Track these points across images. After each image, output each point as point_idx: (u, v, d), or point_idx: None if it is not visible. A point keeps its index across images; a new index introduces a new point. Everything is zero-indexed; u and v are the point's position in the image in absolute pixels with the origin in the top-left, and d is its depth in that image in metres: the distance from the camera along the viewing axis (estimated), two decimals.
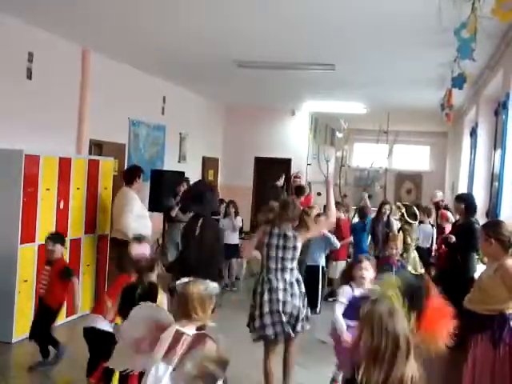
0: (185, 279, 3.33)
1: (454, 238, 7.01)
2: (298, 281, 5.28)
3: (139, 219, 7.62)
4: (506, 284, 4.27)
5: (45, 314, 5.91)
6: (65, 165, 7.31)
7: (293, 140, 15.01)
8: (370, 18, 6.28)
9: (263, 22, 6.75)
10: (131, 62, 9.54)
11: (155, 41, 7.99)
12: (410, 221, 8.71)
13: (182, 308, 3.22)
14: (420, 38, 6.82)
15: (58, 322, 7.28)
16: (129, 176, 7.94)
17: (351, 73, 9.56)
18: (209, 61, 9.13)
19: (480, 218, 8.27)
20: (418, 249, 9.49)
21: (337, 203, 11.18)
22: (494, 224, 4.73)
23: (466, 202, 7.12)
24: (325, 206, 6.47)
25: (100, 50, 8.65)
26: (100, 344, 4.76)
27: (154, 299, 4.11)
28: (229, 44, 7.96)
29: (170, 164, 11.60)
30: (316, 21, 6.49)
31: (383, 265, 6.65)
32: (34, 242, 6.80)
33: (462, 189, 12.36)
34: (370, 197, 13.43)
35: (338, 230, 9.26)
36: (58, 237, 6.05)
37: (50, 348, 5.96)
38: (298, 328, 5.17)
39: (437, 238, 9.02)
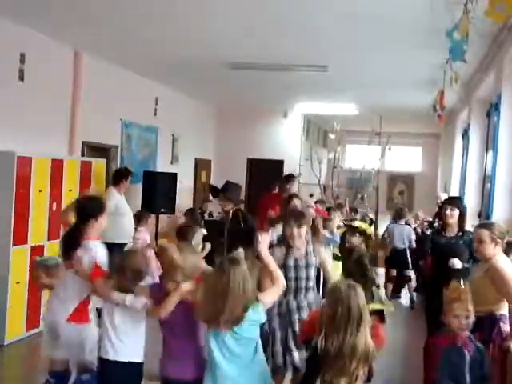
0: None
1: (457, 265, 5.39)
2: None
3: (116, 217, 7.62)
4: (496, 285, 4.28)
5: None
6: (57, 166, 7.28)
7: (285, 141, 15.00)
8: (362, 20, 6.29)
9: (255, 23, 6.75)
10: (123, 63, 9.51)
11: (148, 42, 7.97)
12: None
13: None
14: (412, 39, 6.84)
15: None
16: (116, 177, 8.07)
17: (343, 74, 9.58)
18: (201, 62, 9.12)
19: (472, 220, 8.30)
20: (394, 250, 9.56)
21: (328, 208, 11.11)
22: (489, 225, 4.71)
23: (460, 207, 5.84)
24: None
25: (92, 51, 8.62)
26: None
27: None
28: (221, 46, 7.95)
29: (162, 165, 11.58)
30: (308, 22, 6.49)
31: None
32: (26, 243, 6.77)
33: (454, 190, 12.40)
34: (362, 198, 13.45)
35: None
36: None
37: None
38: None
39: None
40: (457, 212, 5.67)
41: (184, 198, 12.20)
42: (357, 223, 7.63)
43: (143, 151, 11.01)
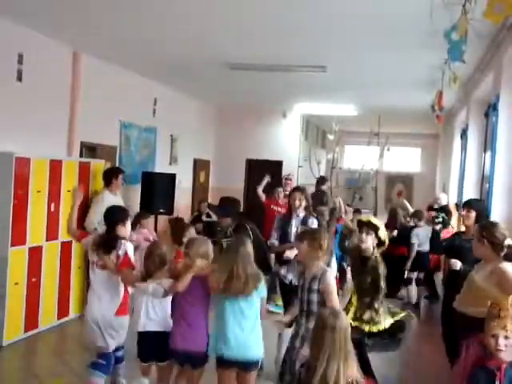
0: None
1: (459, 265, 5.32)
2: None
3: None
4: (503, 287, 4.25)
5: None
6: (55, 167, 7.28)
7: (284, 142, 15.01)
8: (361, 21, 6.29)
9: (255, 23, 6.76)
10: (122, 63, 9.51)
11: (147, 42, 7.97)
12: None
13: None
14: (411, 39, 6.84)
15: (50, 324, 7.28)
16: (106, 177, 7.98)
17: (342, 75, 9.58)
18: (200, 62, 9.13)
19: None
20: (418, 253, 9.40)
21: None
22: (489, 225, 4.70)
23: (478, 211, 5.70)
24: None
25: (91, 51, 8.61)
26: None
27: None
28: (221, 46, 7.95)
29: (161, 166, 11.57)
30: (307, 22, 6.49)
31: None
32: (24, 244, 6.77)
33: (453, 190, 12.41)
34: (360, 199, 13.46)
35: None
36: None
37: None
38: None
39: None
40: (473, 214, 5.62)
41: (183, 199, 12.20)
42: (371, 218, 5.96)
43: (142, 152, 11.01)
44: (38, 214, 6.99)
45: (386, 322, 5.42)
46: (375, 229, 5.62)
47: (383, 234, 5.64)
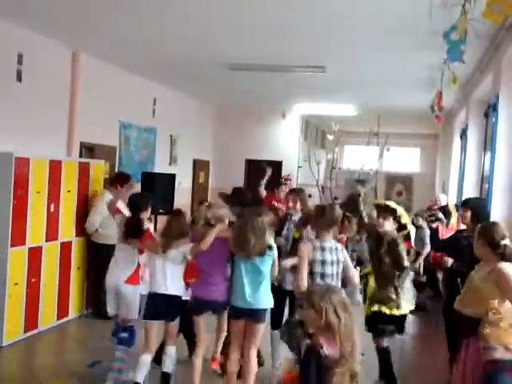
0: None
1: (450, 261, 5.72)
2: None
3: (107, 220, 7.59)
4: (500, 287, 4.24)
5: None
6: (55, 167, 7.28)
7: (284, 142, 15.01)
8: (360, 21, 6.29)
9: (255, 23, 6.76)
10: (122, 63, 9.51)
11: (147, 42, 7.97)
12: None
13: None
14: (410, 39, 6.84)
15: (49, 324, 7.28)
16: (111, 180, 8.07)
17: (342, 75, 9.58)
18: (200, 63, 9.12)
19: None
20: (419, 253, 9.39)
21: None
22: (488, 225, 4.70)
23: (473, 209, 5.79)
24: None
25: (90, 51, 8.61)
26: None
27: None
28: (221, 46, 7.95)
29: (160, 166, 11.57)
30: (307, 23, 6.50)
31: None
32: (24, 245, 6.76)
33: (453, 191, 12.41)
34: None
35: None
36: None
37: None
38: None
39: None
40: (468, 213, 5.75)
41: (182, 199, 12.19)
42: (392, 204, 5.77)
43: (142, 152, 11.00)
44: (38, 214, 6.99)
45: (406, 307, 5.46)
46: (392, 213, 5.53)
47: (403, 217, 5.58)
